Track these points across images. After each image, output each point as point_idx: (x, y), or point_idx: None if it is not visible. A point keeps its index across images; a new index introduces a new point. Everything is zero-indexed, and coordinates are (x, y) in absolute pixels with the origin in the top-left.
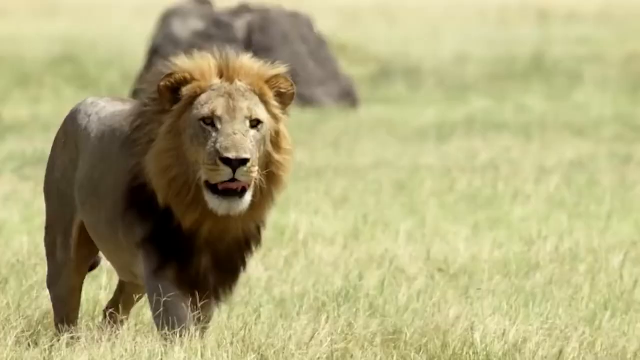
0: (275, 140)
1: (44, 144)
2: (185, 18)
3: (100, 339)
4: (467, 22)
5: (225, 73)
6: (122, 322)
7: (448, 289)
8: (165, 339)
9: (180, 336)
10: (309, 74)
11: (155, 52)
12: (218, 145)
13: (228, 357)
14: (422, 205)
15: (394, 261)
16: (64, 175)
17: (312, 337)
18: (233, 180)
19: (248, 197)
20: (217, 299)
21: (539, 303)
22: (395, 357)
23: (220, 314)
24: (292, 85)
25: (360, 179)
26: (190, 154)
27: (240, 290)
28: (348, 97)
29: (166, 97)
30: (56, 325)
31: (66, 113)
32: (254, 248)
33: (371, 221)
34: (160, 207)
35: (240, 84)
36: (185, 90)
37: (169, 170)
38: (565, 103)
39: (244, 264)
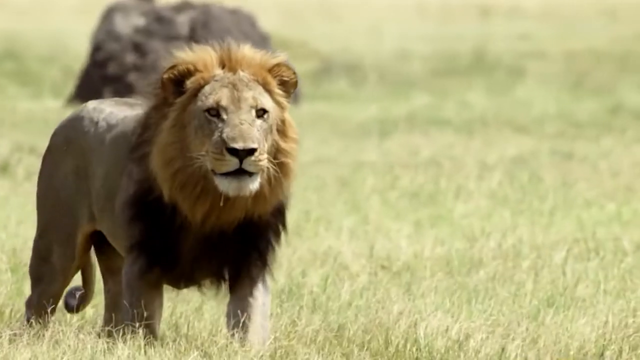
0: (282, 128)
1: None
2: (127, 14)
3: (43, 335)
4: (409, 19)
5: (228, 64)
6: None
7: (391, 286)
8: (109, 336)
9: (124, 334)
10: None
11: (97, 49)
12: (224, 136)
13: (171, 354)
14: (364, 201)
15: (337, 258)
16: (65, 184)
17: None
18: (240, 170)
19: (258, 177)
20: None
21: (482, 300)
22: (338, 354)
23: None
24: (294, 73)
25: (303, 176)
26: (195, 146)
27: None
28: None
29: (169, 90)
30: (33, 311)
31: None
32: (271, 236)
33: (314, 218)
34: (161, 211)
35: (243, 74)
36: (190, 83)
37: (172, 163)
38: (507, 99)
39: (258, 250)
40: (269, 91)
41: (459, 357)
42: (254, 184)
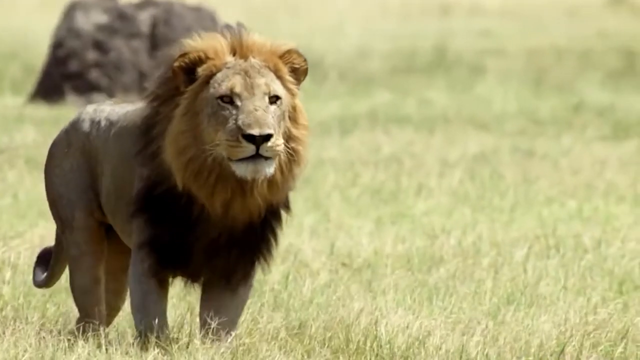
0: (293, 115)
1: None
2: (88, 11)
3: (4, 333)
4: (370, 16)
5: (239, 51)
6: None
7: (352, 283)
8: (70, 334)
9: (84, 332)
10: None
11: (59, 46)
12: (240, 122)
13: (132, 351)
14: (325, 199)
15: (298, 255)
16: (63, 180)
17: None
18: (257, 155)
19: (274, 161)
20: (231, 281)
21: (443, 297)
22: (299, 351)
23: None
24: (305, 60)
25: None
26: (207, 134)
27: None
28: None
29: (181, 78)
30: (81, 323)
31: None
32: (277, 226)
33: None
34: (175, 205)
35: (254, 60)
36: (201, 70)
37: (185, 151)
38: (468, 97)
39: (266, 240)
40: (280, 78)
41: (420, 354)
42: (270, 168)
